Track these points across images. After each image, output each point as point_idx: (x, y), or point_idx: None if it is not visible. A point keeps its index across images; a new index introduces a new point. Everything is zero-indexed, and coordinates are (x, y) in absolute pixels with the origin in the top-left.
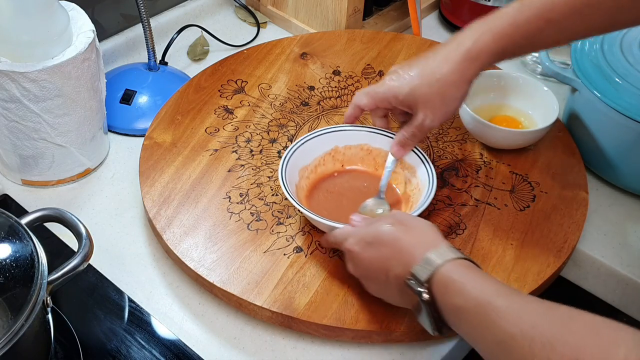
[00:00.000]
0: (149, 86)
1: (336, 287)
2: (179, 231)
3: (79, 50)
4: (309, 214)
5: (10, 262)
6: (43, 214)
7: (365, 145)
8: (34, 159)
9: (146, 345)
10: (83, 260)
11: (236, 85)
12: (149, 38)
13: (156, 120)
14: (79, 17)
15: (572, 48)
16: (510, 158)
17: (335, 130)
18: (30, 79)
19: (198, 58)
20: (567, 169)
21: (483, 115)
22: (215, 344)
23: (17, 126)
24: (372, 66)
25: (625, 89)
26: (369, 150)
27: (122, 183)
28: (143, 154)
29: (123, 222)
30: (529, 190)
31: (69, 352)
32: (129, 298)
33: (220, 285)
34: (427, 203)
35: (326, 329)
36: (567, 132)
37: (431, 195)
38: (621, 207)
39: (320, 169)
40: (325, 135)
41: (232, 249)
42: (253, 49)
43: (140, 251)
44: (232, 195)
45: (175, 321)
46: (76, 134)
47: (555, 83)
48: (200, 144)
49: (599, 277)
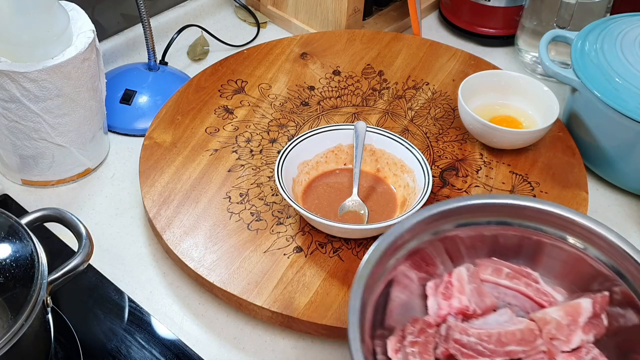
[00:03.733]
0: (149, 86)
1: (336, 287)
2: (179, 231)
3: (79, 50)
4: (300, 209)
5: (10, 262)
6: (43, 214)
7: (368, 146)
8: (34, 159)
9: (146, 345)
10: (83, 260)
11: (236, 85)
12: (149, 38)
13: (156, 120)
14: (79, 17)
15: (572, 48)
16: (510, 158)
17: (339, 129)
18: (30, 79)
19: (198, 58)
20: (567, 169)
21: (483, 115)
22: (215, 344)
23: (17, 126)
24: (372, 66)
25: (625, 89)
26: (372, 151)
27: (122, 183)
28: (143, 154)
29: (123, 222)
30: (529, 190)
31: (69, 352)
32: (129, 298)
33: (220, 285)
34: (419, 206)
35: (326, 329)
36: (567, 132)
37: (424, 198)
38: (621, 207)
39: (321, 166)
40: (329, 133)
41: (232, 249)
42: (253, 49)
43: (140, 251)
44: (232, 195)
45: (175, 321)
46: (76, 134)
47: (555, 83)
48: (200, 144)
49: None
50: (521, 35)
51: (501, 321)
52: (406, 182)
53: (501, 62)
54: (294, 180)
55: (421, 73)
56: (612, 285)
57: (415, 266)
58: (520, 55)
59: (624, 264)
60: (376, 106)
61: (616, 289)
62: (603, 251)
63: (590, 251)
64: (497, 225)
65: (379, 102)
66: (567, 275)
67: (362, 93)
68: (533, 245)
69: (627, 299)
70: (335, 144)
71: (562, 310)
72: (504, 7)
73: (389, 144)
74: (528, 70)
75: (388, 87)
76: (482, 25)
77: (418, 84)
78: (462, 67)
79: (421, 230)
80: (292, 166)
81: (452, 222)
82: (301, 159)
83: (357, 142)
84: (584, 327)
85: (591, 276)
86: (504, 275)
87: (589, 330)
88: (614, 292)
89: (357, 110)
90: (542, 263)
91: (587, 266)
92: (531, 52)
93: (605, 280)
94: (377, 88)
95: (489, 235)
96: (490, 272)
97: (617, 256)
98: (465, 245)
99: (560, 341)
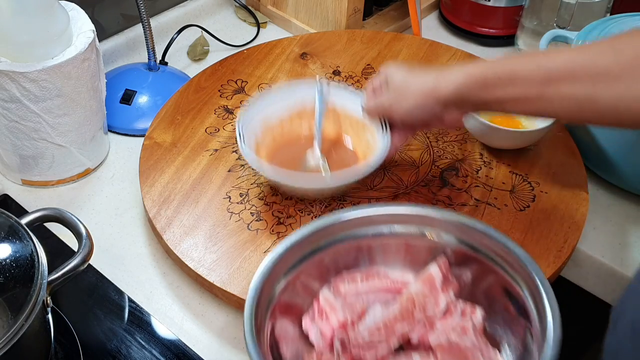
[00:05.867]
0: (149, 86)
1: None
2: (179, 231)
3: (79, 50)
4: (261, 166)
5: (10, 262)
6: (43, 214)
7: (331, 109)
8: (34, 159)
9: (146, 345)
10: (83, 260)
11: (236, 85)
12: (149, 38)
13: (156, 120)
14: (79, 17)
15: None
16: (510, 158)
17: (302, 86)
18: (30, 79)
19: (198, 58)
20: (567, 169)
21: (483, 115)
22: (215, 344)
23: (17, 126)
24: (372, 66)
25: None
26: (334, 112)
27: (122, 183)
28: (143, 154)
29: (123, 222)
30: (529, 190)
31: (69, 352)
32: (129, 298)
33: (220, 285)
34: (378, 162)
35: None
36: (567, 132)
37: (385, 149)
38: (621, 207)
39: (286, 130)
40: (292, 89)
41: (232, 249)
42: (253, 49)
43: (140, 251)
44: (232, 195)
45: (175, 321)
46: (76, 134)
47: None
48: (200, 144)
49: (599, 277)
50: (521, 35)
51: (378, 315)
52: (366, 140)
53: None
54: (257, 144)
55: None
56: (444, 249)
57: (285, 312)
58: None
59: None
60: None
61: (448, 251)
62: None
63: (412, 232)
64: (331, 245)
65: None
66: (405, 259)
67: None
68: (366, 250)
69: (460, 255)
70: (299, 105)
71: (419, 283)
72: (504, 7)
73: (351, 101)
74: None
75: None
76: (482, 25)
77: None
78: None
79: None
80: (255, 126)
81: (298, 256)
82: (264, 120)
83: (319, 98)
84: (443, 289)
85: (424, 250)
86: (359, 281)
87: (447, 289)
88: (448, 255)
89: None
90: (382, 259)
91: (415, 245)
92: None
93: (435, 248)
94: None
95: (328, 259)
96: (347, 284)
97: (426, 223)
98: (316, 272)
99: (431, 307)
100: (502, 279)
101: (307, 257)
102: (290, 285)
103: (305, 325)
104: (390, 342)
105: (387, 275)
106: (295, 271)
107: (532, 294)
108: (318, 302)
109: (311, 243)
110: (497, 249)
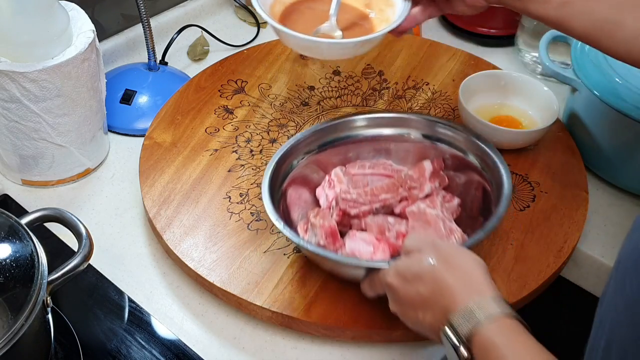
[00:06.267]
0: (149, 86)
1: (336, 287)
2: (179, 231)
3: (79, 50)
4: (272, 21)
5: (10, 262)
6: (43, 214)
7: None
8: (34, 159)
9: (146, 345)
10: (83, 260)
11: (236, 85)
12: (149, 38)
13: (156, 120)
14: (79, 17)
15: (572, 48)
16: (510, 158)
17: None
18: (30, 79)
19: (198, 58)
20: (567, 169)
21: (483, 115)
22: (215, 344)
23: (17, 126)
24: (372, 66)
25: (625, 89)
26: None
27: (122, 183)
28: (143, 154)
29: (123, 222)
30: (529, 190)
31: (69, 352)
32: (129, 298)
33: (220, 285)
34: (401, 19)
35: (326, 329)
36: (567, 132)
37: (398, 21)
38: (621, 207)
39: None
40: None
41: (232, 249)
42: (253, 49)
43: (140, 251)
44: (232, 195)
45: (175, 321)
46: (76, 134)
47: (555, 83)
48: (200, 144)
49: (599, 277)
50: (521, 35)
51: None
52: (387, 16)
53: (501, 62)
54: (271, 5)
55: (421, 73)
56: (443, 154)
57: (302, 183)
58: (520, 55)
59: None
60: (376, 106)
61: (447, 155)
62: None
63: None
64: (351, 139)
65: (379, 102)
66: (411, 158)
67: (362, 93)
68: (384, 150)
69: (456, 160)
70: None
71: (412, 170)
72: (504, 7)
73: None
74: (528, 70)
75: (388, 87)
76: (482, 25)
77: (418, 84)
78: (462, 67)
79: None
80: None
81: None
82: None
83: None
84: (430, 178)
85: (429, 155)
86: (367, 167)
87: (434, 180)
88: (445, 159)
89: (357, 110)
90: (395, 158)
91: (424, 149)
92: (531, 52)
93: (438, 154)
94: (377, 88)
95: (349, 151)
96: (357, 168)
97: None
98: (337, 158)
99: (416, 190)
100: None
101: (330, 144)
102: (311, 162)
103: (318, 193)
104: (373, 205)
105: (392, 165)
106: (316, 152)
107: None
108: (329, 176)
109: (335, 132)
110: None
